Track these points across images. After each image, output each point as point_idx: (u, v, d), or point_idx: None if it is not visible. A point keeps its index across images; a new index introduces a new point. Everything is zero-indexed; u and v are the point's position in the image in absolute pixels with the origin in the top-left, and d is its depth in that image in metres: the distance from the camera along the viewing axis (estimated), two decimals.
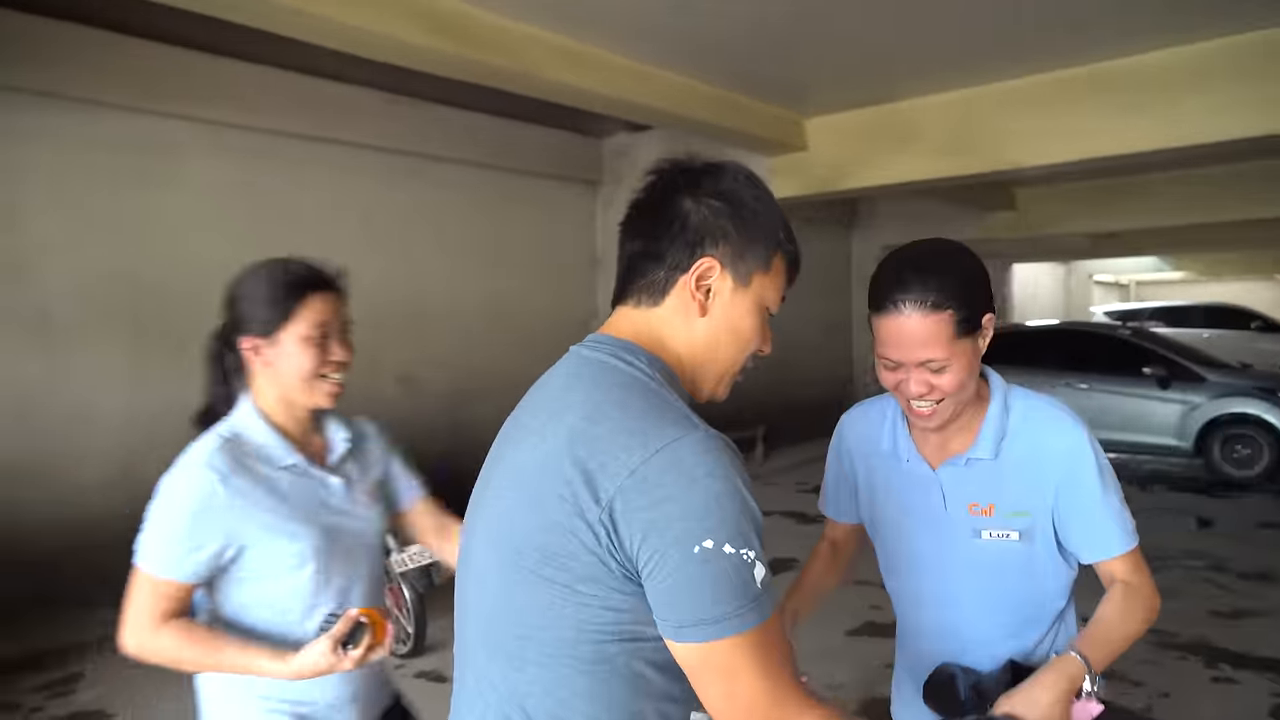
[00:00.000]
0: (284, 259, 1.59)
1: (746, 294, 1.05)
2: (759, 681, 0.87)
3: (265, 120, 5.59)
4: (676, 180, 1.06)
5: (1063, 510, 1.32)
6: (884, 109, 6.28)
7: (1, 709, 3.65)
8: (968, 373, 1.29)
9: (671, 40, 4.77)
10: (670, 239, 1.02)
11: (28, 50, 4.51)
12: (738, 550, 0.86)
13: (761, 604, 0.87)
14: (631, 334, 1.04)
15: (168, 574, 1.43)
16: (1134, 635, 1.30)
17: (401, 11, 3.91)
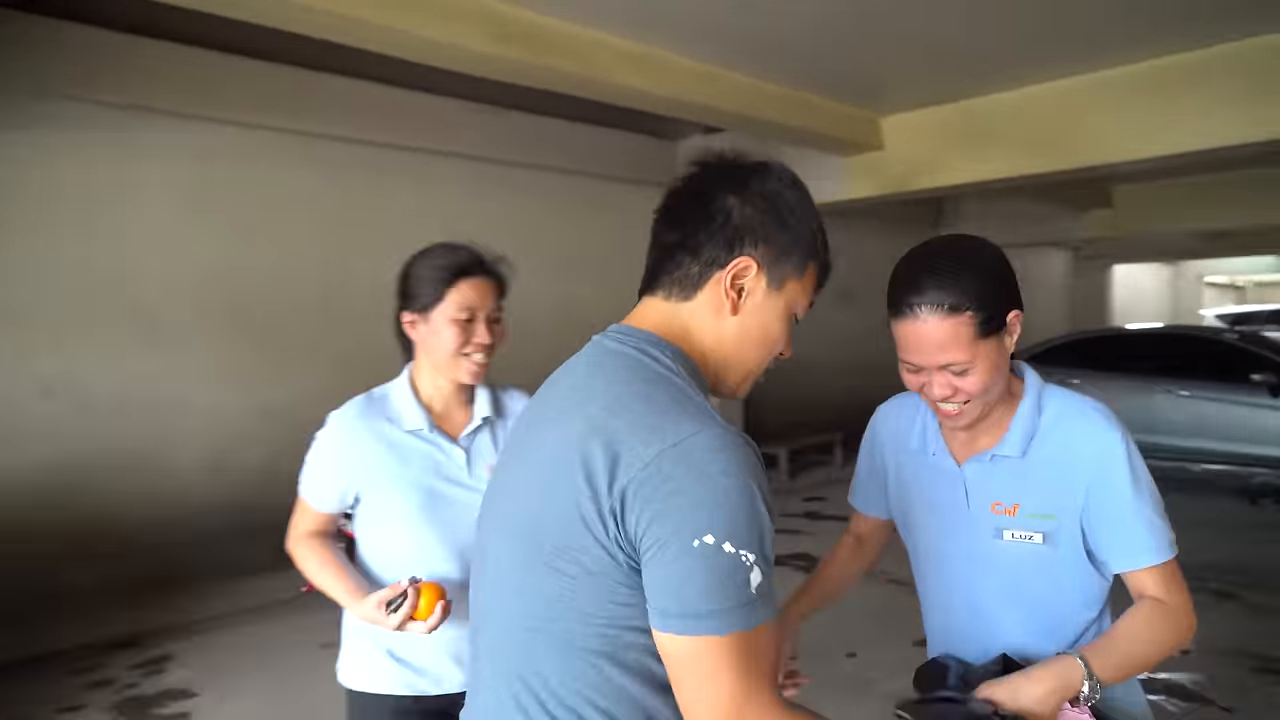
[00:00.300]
0: (450, 243, 1.72)
1: (778, 297, 1.05)
2: (736, 688, 0.85)
3: (352, 130, 5.80)
4: (722, 176, 1.05)
5: (1092, 515, 1.25)
6: (962, 105, 6.09)
7: (97, 685, 3.90)
8: (993, 373, 1.25)
9: (737, 41, 4.74)
10: (710, 234, 1.02)
11: (137, 69, 4.82)
12: (737, 550, 0.85)
13: (754, 610, 0.86)
14: (656, 326, 1.04)
15: (306, 498, 1.71)
16: (1157, 655, 1.23)
17: (470, 21, 4.00)
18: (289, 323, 5.61)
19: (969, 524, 1.35)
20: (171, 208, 5.14)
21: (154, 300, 5.10)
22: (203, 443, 5.27)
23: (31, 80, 4.54)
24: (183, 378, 5.20)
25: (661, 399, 0.93)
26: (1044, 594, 1.31)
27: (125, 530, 4.93)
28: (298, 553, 1.69)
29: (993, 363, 1.24)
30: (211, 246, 5.30)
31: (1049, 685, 1.14)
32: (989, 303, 1.22)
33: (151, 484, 5.07)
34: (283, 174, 5.61)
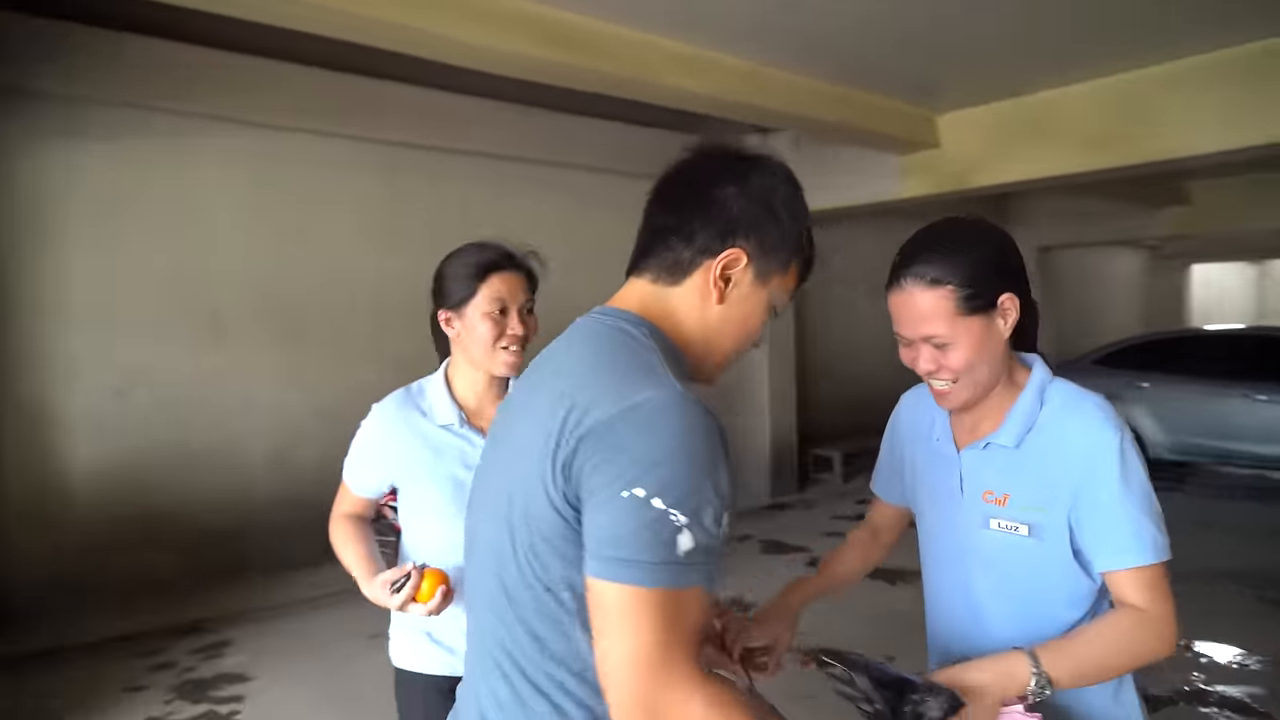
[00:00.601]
0: (480, 241, 1.79)
1: (763, 290, 1.08)
2: (653, 644, 0.84)
3: (405, 134, 5.95)
4: (722, 166, 1.07)
5: (1080, 511, 1.22)
6: (1021, 100, 5.93)
7: (160, 667, 4.09)
8: (977, 352, 1.25)
9: (783, 39, 4.71)
10: (705, 222, 1.04)
11: (195, 77, 5.04)
12: (667, 508, 0.85)
13: (680, 571, 0.85)
14: (638, 307, 1.06)
15: (347, 481, 1.83)
16: (1124, 663, 1.19)
17: (515, 25, 4.06)
18: (346, 324, 5.78)
19: (962, 512, 1.34)
20: (230, 212, 5.36)
21: (219, 302, 5.32)
22: (265, 440, 5.47)
23: (96, 89, 4.78)
24: (246, 377, 5.41)
25: (629, 366, 0.95)
26: (1029, 589, 1.28)
27: (192, 522, 5.15)
28: (333, 530, 1.81)
29: (976, 341, 1.24)
30: (270, 249, 5.50)
31: (990, 675, 1.12)
32: (974, 280, 1.23)
33: (216, 479, 5.29)
34: (337, 177, 5.78)
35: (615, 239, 7.33)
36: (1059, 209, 10.57)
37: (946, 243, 1.26)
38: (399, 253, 5.94)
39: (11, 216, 4.63)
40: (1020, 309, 1.32)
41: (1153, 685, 3.73)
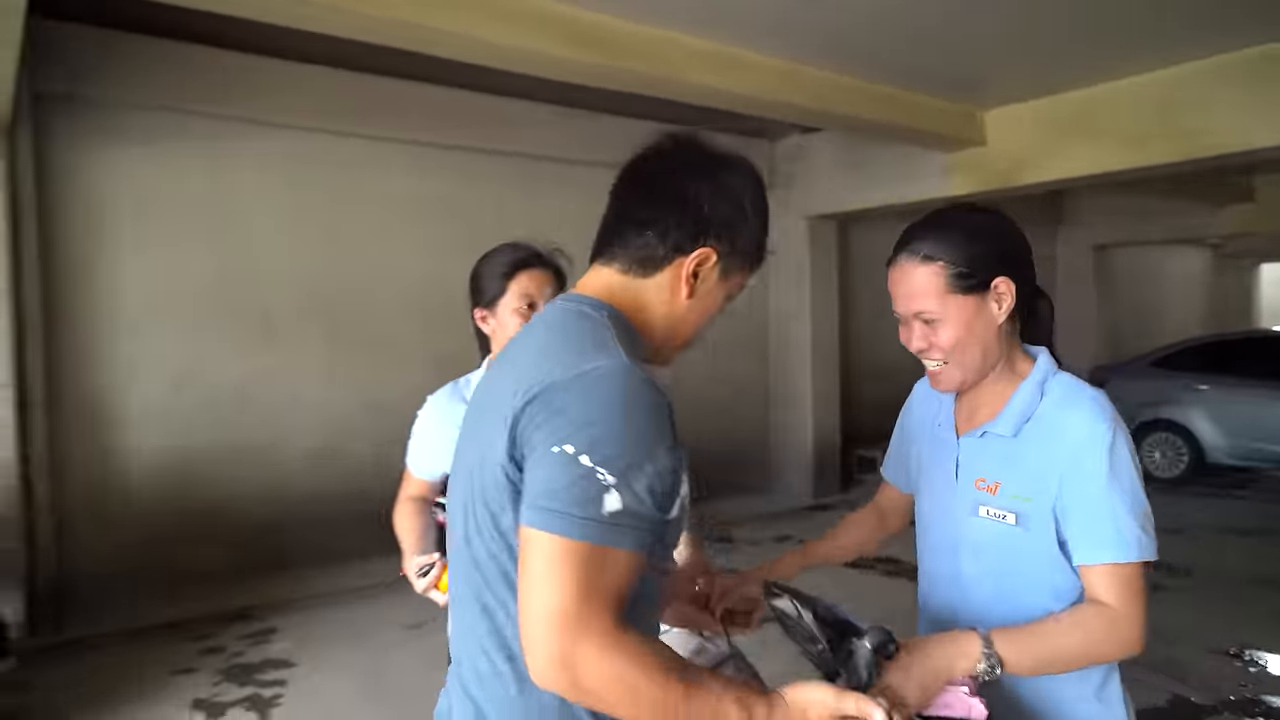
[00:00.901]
0: (512, 242, 1.92)
1: (724, 285, 1.13)
2: (572, 597, 0.86)
3: (441, 136, 6.06)
4: (697, 164, 1.10)
5: (1065, 503, 1.20)
6: (1070, 96, 5.80)
7: (209, 651, 4.25)
8: (965, 332, 1.25)
9: (814, 37, 4.67)
10: (679, 221, 1.07)
11: (238, 83, 5.22)
12: (594, 466, 0.88)
13: (605, 530, 0.88)
14: (605, 294, 1.09)
15: (409, 465, 1.97)
16: (1082, 657, 1.17)
17: (544, 26, 4.11)
18: (388, 323, 5.90)
19: (955, 497, 1.34)
20: (270, 214, 5.53)
21: (268, 303, 5.49)
22: (312, 436, 5.63)
23: (136, 94, 4.97)
24: (295, 375, 5.58)
25: (583, 343, 0.98)
26: (1013, 578, 1.27)
27: (242, 515, 5.33)
28: (395, 511, 1.93)
29: (966, 321, 1.25)
30: (313, 251, 5.66)
31: (943, 648, 1.12)
32: (966, 260, 1.24)
33: (266, 472, 5.46)
34: (375, 179, 5.91)
35: None
36: (1115, 207, 10.29)
37: (945, 223, 1.28)
38: (437, 252, 6.05)
39: (66, 221, 4.85)
40: (1025, 299, 1.32)
41: (1197, 693, 3.63)
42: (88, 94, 4.83)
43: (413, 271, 6.01)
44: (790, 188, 7.95)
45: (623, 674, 0.85)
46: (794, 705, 0.95)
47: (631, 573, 0.91)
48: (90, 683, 3.85)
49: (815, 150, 7.70)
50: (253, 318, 5.46)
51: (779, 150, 8.05)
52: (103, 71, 4.81)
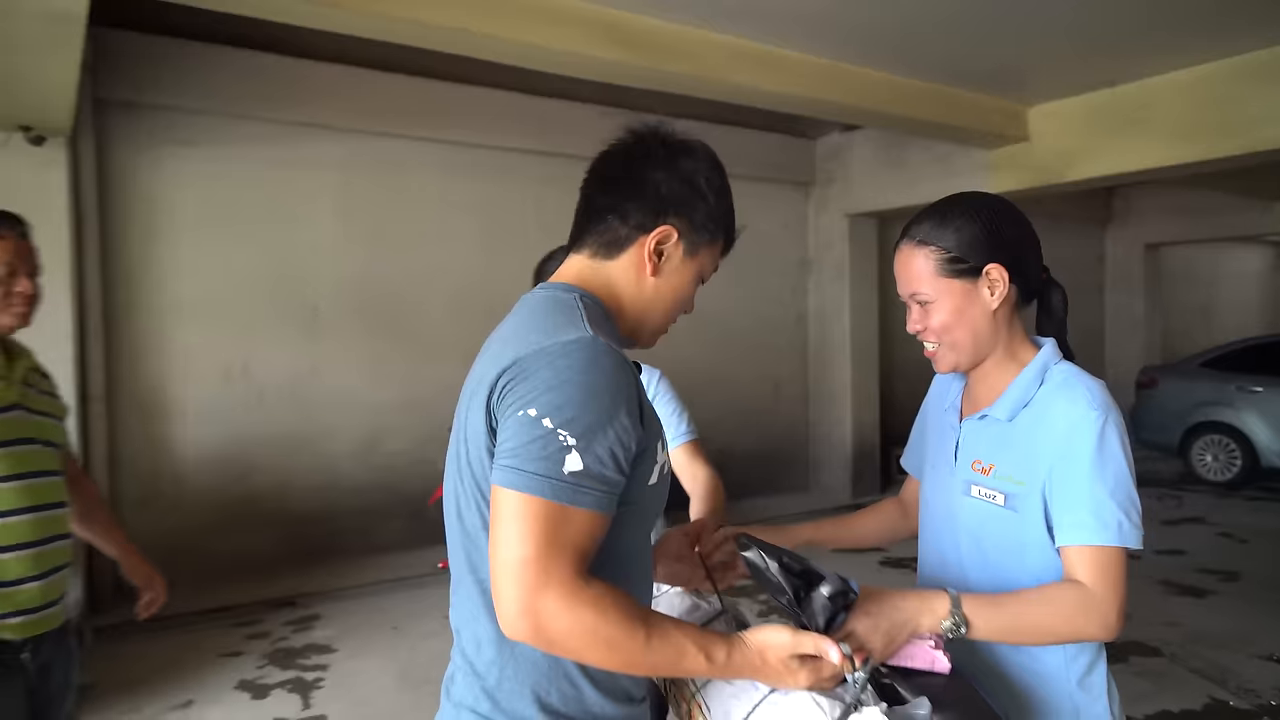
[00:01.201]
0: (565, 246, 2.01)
1: (692, 263, 1.18)
2: (535, 550, 0.91)
3: (489, 137, 6.18)
4: (654, 151, 1.16)
5: (1052, 485, 1.22)
6: (1117, 91, 5.69)
7: (255, 636, 4.41)
8: (955, 315, 1.29)
9: (854, 35, 4.65)
10: (639, 201, 1.13)
11: (292, 87, 5.40)
12: (555, 428, 0.94)
13: (566, 489, 0.94)
14: (577, 279, 1.16)
15: None
16: (1051, 631, 1.18)
17: (585, 28, 4.18)
18: (433, 321, 6.03)
19: (952, 477, 1.37)
20: (322, 214, 5.70)
21: (316, 299, 5.66)
22: (356, 430, 5.78)
23: (197, 100, 5.17)
24: (341, 370, 5.73)
25: (554, 321, 1.04)
26: (1002, 558, 1.29)
27: (289, 505, 5.50)
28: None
29: (956, 305, 1.28)
30: (361, 250, 5.82)
31: (911, 601, 1.15)
32: (959, 245, 1.27)
33: (313, 465, 5.63)
34: (425, 180, 6.05)
35: None
36: (1167, 204, 10.05)
37: (945, 209, 1.31)
38: (478, 251, 6.17)
39: (125, 222, 5.05)
40: (1034, 289, 1.35)
41: (1236, 698, 3.56)
42: (147, 100, 5.03)
43: (454, 270, 6.13)
44: (830, 186, 7.93)
45: (585, 621, 0.91)
46: (752, 647, 1.01)
47: (593, 530, 0.96)
48: (144, 663, 4.02)
49: (855, 148, 7.67)
50: (301, 314, 5.63)
51: (819, 148, 8.03)
52: (161, 78, 5.01)
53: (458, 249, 6.17)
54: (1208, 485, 8.19)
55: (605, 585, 0.95)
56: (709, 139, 4.88)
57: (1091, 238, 10.78)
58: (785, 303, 8.07)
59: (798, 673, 1.02)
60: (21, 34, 3.16)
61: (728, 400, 7.53)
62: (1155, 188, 9.72)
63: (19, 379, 1.89)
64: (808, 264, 8.17)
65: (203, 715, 3.54)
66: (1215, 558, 5.75)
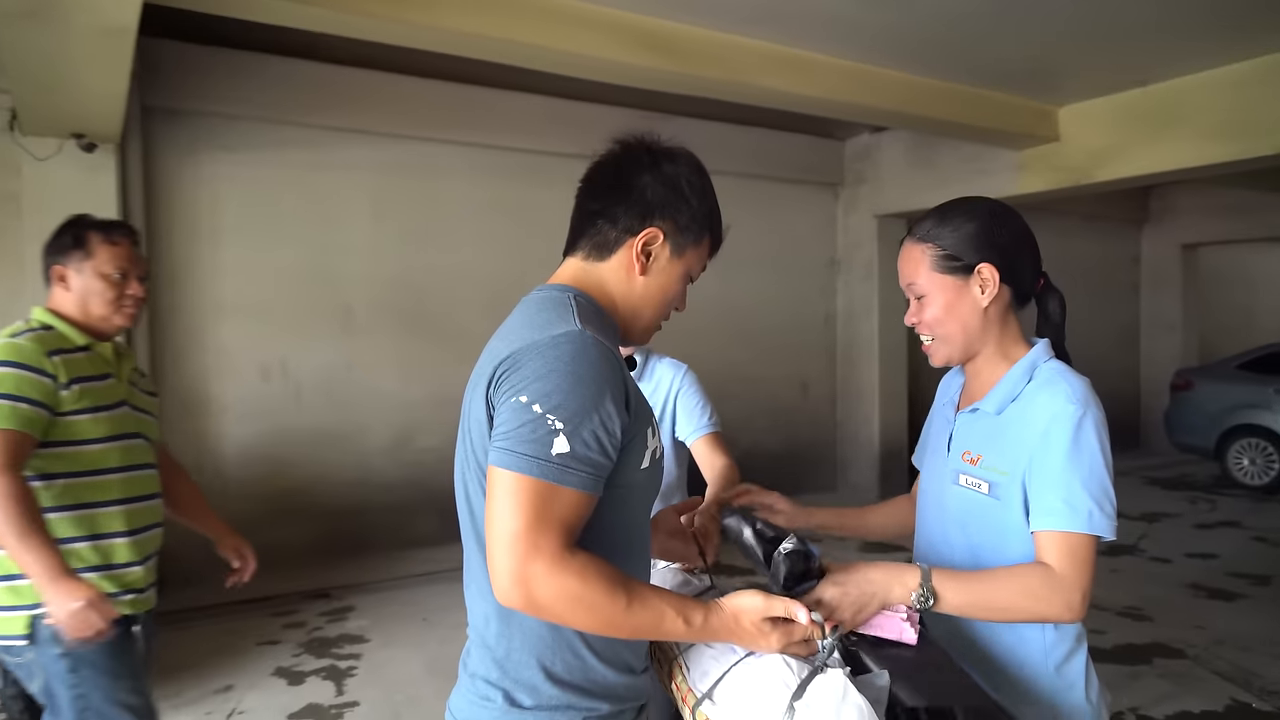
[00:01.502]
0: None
1: (679, 263, 1.26)
2: (525, 525, 1.00)
3: (519, 140, 6.29)
4: (640, 157, 1.25)
5: (1031, 475, 1.28)
6: (1149, 90, 5.65)
7: (292, 625, 4.55)
8: (946, 310, 1.36)
9: (881, 37, 4.68)
10: (627, 207, 1.22)
11: (330, 94, 5.55)
12: (544, 413, 1.03)
13: (554, 470, 1.02)
14: (571, 280, 1.24)
15: None
16: (1017, 608, 1.23)
17: (618, 35, 4.27)
18: (464, 321, 6.15)
19: (944, 468, 1.44)
20: (358, 216, 5.85)
21: (350, 298, 5.81)
22: (389, 426, 5.93)
23: (238, 106, 5.34)
24: (374, 368, 5.88)
25: (547, 318, 1.13)
26: (985, 544, 1.34)
27: (323, 499, 5.66)
28: None
29: (948, 300, 1.35)
30: (395, 251, 5.96)
31: (882, 573, 1.22)
32: (954, 244, 1.35)
33: (347, 460, 5.78)
34: (454, 183, 6.18)
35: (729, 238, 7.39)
36: (1206, 203, 9.89)
37: (947, 210, 1.39)
38: (509, 252, 6.27)
39: (169, 224, 5.24)
40: (1032, 294, 1.41)
41: (1259, 699, 3.55)
42: (190, 107, 5.21)
43: (486, 270, 6.25)
44: (859, 186, 7.94)
45: (569, 588, 1.00)
46: (727, 610, 1.09)
47: (579, 508, 1.04)
48: (186, 649, 4.18)
49: (885, 149, 7.67)
50: (336, 314, 5.78)
51: (848, 149, 8.05)
52: (204, 86, 5.19)
53: (490, 250, 6.28)
54: (1244, 489, 8.07)
55: (589, 556, 1.03)
56: (739, 141, 5.13)
57: (1127, 238, 10.65)
58: (814, 303, 8.10)
59: (769, 635, 1.09)
60: (77, 49, 3.32)
61: (756, 399, 7.58)
62: (1193, 187, 9.58)
63: (125, 377, 2.07)
64: (836, 264, 8.19)
65: (242, 699, 3.68)
66: (1248, 562, 5.69)
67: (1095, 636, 4.26)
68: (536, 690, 1.12)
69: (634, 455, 1.13)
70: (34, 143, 4.54)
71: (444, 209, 6.14)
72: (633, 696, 1.19)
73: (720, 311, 7.23)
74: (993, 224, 1.36)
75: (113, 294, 2.00)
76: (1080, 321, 10.48)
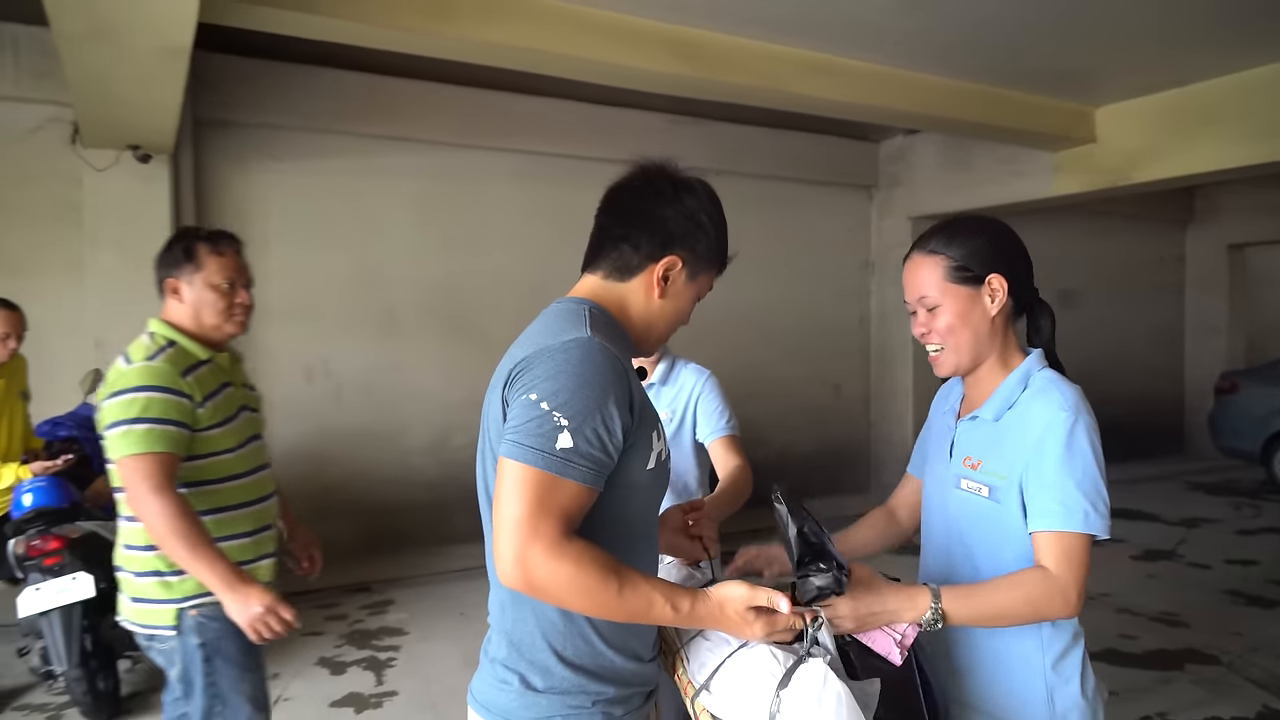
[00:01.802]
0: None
1: (693, 286, 1.37)
2: (528, 512, 1.09)
3: (556, 145, 6.39)
4: (662, 190, 1.34)
5: (1026, 478, 1.35)
6: (1189, 89, 5.58)
7: (334, 618, 4.73)
8: (960, 319, 1.42)
9: (913, 41, 4.69)
10: (649, 235, 1.32)
11: (372, 103, 5.71)
12: (550, 410, 1.12)
13: (557, 463, 1.11)
14: (590, 295, 1.34)
15: None
16: (1018, 613, 1.30)
17: (649, 44, 4.34)
18: (503, 323, 6.16)
19: (945, 473, 1.50)
20: (406, 222, 6.01)
21: (393, 302, 5.98)
22: (430, 426, 6.08)
23: (284, 117, 5.52)
24: (415, 370, 6.04)
25: (561, 326, 1.23)
26: (985, 546, 1.41)
27: (366, 496, 5.83)
28: None
29: (961, 309, 1.42)
30: (439, 255, 6.12)
31: (898, 595, 1.28)
32: (964, 255, 1.42)
33: (387, 459, 5.95)
34: (498, 189, 6.31)
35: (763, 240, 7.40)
36: (1252, 203, 9.68)
37: (952, 226, 1.47)
38: (547, 256, 6.38)
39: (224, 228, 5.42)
40: (1026, 307, 1.48)
41: None
42: (240, 118, 5.41)
43: (525, 274, 6.35)
44: (894, 188, 7.93)
45: (565, 572, 1.09)
46: (713, 599, 1.17)
47: (579, 500, 1.13)
48: None
49: (918, 150, 7.65)
50: (379, 317, 5.95)
51: (882, 151, 8.04)
52: (253, 98, 5.39)
53: (529, 254, 6.39)
54: None
55: (586, 543, 1.12)
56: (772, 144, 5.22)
57: (1171, 238, 10.46)
58: (848, 305, 8.11)
59: (754, 623, 1.17)
60: (136, 67, 3.51)
61: (790, 400, 7.62)
62: (1239, 186, 9.39)
63: (240, 381, 2.21)
64: (870, 266, 8.18)
65: (287, 687, 3.84)
66: None
67: (1126, 641, 4.27)
68: (549, 673, 1.21)
69: (638, 456, 1.22)
70: (94, 154, 4.77)
71: (483, 214, 6.28)
72: (640, 682, 1.28)
73: (754, 313, 7.28)
74: (998, 238, 1.45)
75: (223, 304, 2.11)
76: (1121, 323, 10.38)
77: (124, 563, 2.05)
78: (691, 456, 2.34)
